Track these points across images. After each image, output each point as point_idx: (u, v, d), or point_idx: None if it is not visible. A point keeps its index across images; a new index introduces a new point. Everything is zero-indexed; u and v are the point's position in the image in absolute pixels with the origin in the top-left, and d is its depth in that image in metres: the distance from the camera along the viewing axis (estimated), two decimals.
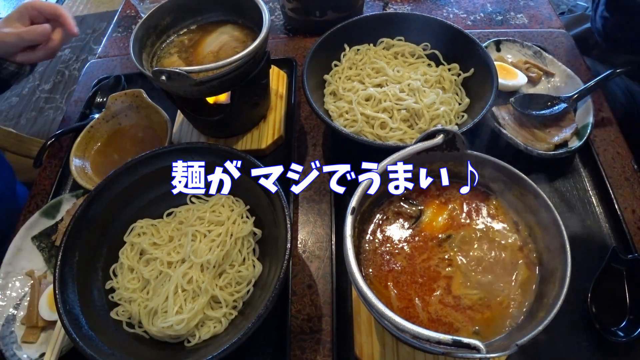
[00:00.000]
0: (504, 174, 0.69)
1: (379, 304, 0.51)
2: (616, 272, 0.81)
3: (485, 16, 1.38)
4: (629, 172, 0.98)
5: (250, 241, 0.82)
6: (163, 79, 0.80)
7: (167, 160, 0.84)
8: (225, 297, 0.75)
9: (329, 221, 0.94)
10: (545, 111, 1.02)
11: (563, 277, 0.57)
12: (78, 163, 1.01)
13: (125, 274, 0.79)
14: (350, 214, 0.60)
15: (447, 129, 0.67)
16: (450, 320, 0.62)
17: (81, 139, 1.04)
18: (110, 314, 0.76)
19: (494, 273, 0.66)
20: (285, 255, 0.69)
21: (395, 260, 0.68)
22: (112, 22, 1.53)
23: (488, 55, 0.94)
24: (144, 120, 1.09)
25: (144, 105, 1.07)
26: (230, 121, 1.01)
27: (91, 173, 1.01)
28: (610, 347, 0.76)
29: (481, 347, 0.47)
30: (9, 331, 0.82)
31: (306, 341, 0.81)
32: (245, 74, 0.91)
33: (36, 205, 1.05)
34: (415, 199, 0.75)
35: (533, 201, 0.66)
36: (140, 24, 0.95)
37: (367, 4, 1.42)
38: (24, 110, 2.50)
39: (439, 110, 0.93)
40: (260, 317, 0.64)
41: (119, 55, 1.38)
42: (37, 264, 0.92)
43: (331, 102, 1.00)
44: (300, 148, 1.08)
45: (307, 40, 1.33)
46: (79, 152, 1.03)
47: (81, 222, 0.77)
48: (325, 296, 0.85)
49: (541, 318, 0.55)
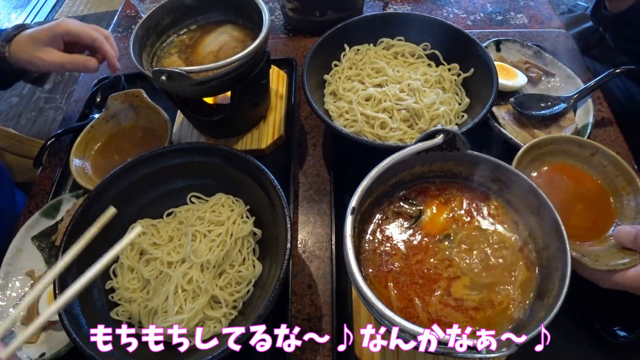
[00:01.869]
0: (504, 174, 0.69)
1: (379, 304, 0.51)
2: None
3: (485, 16, 1.38)
4: None
5: (250, 241, 0.82)
6: (163, 79, 0.80)
7: (167, 160, 0.84)
8: (225, 297, 0.75)
9: (329, 221, 0.94)
10: (545, 111, 1.02)
11: (563, 277, 0.57)
12: (78, 163, 1.01)
13: (125, 274, 0.79)
14: (350, 214, 0.60)
15: (447, 129, 0.67)
16: (451, 320, 0.62)
17: (81, 139, 1.04)
18: (110, 314, 0.76)
19: (494, 273, 0.66)
20: (285, 255, 0.69)
21: (395, 260, 0.68)
22: (112, 22, 1.53)
23: (488, 55, 0.94)
24: (143, 121, 1.09)
25: (144, 105, 1.07)
26: (230, 121, 1.01)
27: (91, 173, 1.01)
28: (610, 347, 0.76)
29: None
30: (9, 331, 0.82)
31: (306, 341, 0.81)
32: (245, 74, 0.91)
33: (36, 205, 1.05)
34: (415, 198, 0.75)
35: (533, 201, 0.66)
36: (140, 24, 0.95)
37: (367, 4, 1.42)
38: (24, 110, 2.50)
39: (439, 110, 0.93)
40: (260, 317, 0.64)
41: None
42: (37, 264, 0.92)
43: (331, 102, 1.00)
44: (300, 148, 1.08)
45: (307, 40, 1.33)
46: (79, 152, 1.03)
47: (81, 222, 0.77)
48: (325, 296, 0.85)
49: (541, 318, 0.55)
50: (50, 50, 0.96)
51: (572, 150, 0.86)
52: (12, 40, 0.97)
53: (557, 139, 0.86)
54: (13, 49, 0.97)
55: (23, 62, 0.97)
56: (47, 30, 0.96)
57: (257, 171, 0.79)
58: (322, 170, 1.03)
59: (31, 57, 0.95)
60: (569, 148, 0.86)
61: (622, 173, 0.82)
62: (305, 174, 1.03)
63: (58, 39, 0.97)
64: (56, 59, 0.96)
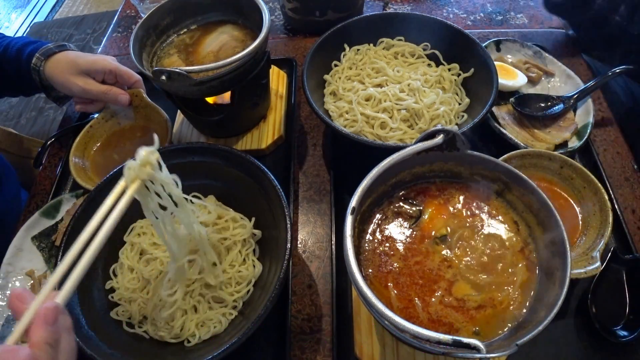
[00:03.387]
0: (504, 173, 0.69)
1: (379, 304, 0.51)
2: (616, 272, 0.81)
3: (485, 16, 1.38)
4: (629, 172, 0.98)
5: (251, 241, 0.82)
6: (163, 79, 0.80)
7: (167, 160, 0.83)
8: (225, 297, 0.75)
9: (329, 221, 0.94)
10: (545, 111, 1.02)
11: (563, 277, 0.57)
12: (77, 162, 1.01)
13: (125, 274, 0.79)
14: (350, 214, 0.60)
15: (447, 129, 0.67)
16: (451, 321, 0.62)
17: (80, 139, 1.04)
18: (110, 314, 0.76)
19: (494, 273, 0.66)
20: (285, 256, 0.69)
21: (395, 260, 0.68)
22: (112, 22, 1.53)
23: (488, 55, 0.94)
24: (143, 120, 1.09)
25: (143, 105, 1.07)
26: (230, 121, 1.01)
27: (91, 173, 1.01)
28: (610, 347, 0.76)
29: (481, 347, 0.47)
30: (9, 331, 0.82)
31: (306, 341, 0.81)
32: (245, 74, 0.91)
33: (36, 205, 1.05)
34: (415, 198, 0.75)
35: (533, 201, 0.66)
36: (140, 24, 0.95)
37: (367, 4, 1.42)
38: (24, 110, 2.50)
39: (439, 110, 0.93)
40: (260, 317, 0.64)
41: (119, 55, 1.38)
42: (37, 264, 0.92)
43: (331, 102, 1.00)
44: (300, 148, 1.08)
45: (307, 40, 1.33)
46: (79, 152, 1.03)
47: (81, 222, 0.77)
48: (325, 296, 0.85)
49: (541, 318, 0.55)
50: (88, 80, 0.98)
51: (542, 163, 0.90)
52: (52, 57, 0.98)
53: (529, 153, 0.90)
54: (50, 65, 0.98)
55: (56, 82, 0.99)
56: (92, 62, 0.98)
57: (257, 171, 0.79)
58: (322, 170, 1.03)
59: (67, 81, 0.97)
60: (539, 162, 0.90)
61: (588, 184, 0.85)
62: (305, 174, 1.03)
63: (99, 73, 0.99)
64: (93, 89, 0.98)
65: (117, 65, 1.00)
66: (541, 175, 0.90)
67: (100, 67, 0.98)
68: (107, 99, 1.00)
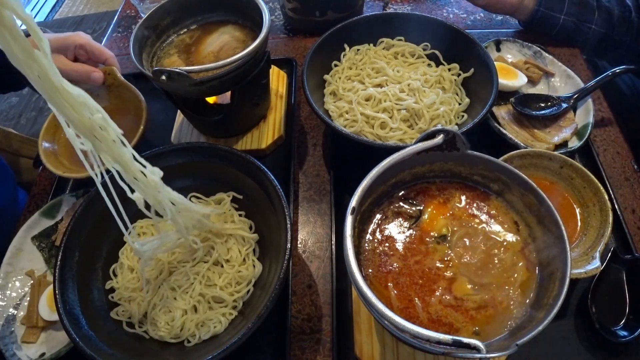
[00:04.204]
0: (504, 174, 0.69)
1: (379, 304, 0.51)
2: (616, 272, 0.81)
3: (485, 16, 1.38)
4: (629, 172, 0.98)
5: (250, 241, 0.82)
6: (163, 79, 0.80)
7: (167, 160, 0.84)
8: (225, 297, 0.75)
9: (329, 221, 0.94)
10: (545, 111, 1.02)
11: (563, 277, 0.57)
12: (47, 147, 0.97)
13: (125, 274, 0.79)
14: (350, 214, 0.60)
15: (447, 129, 0.67)
16: (451, 321, 0.62)
17: (49, 122, 1.00)
18: (110, 314, 0.76)
19: (494, 273, 0.66)
20: (285, 256, 0.69)
21: (395, 260, 0.68)
22: (112, 22, 1.53)
23: (488, 55, 0.94)
24: (117, 100, 1.04)
25: (117, 84, 1.03)
26: (230, 121, 1.01)
27: (61, 157, 0.98)
28: (610, 347, 0.76)
29: (481, 347, 0.47)
30: (9, 331, 0.82)
31: (306, 341, 0.81)
32: (245, 74, 0.91)
33: (36, 205, 1.05)
34: (415, 198, 0.75)
35: (533, 201, 0.66)
36: (140, 24, 0.95)
37: (367, 4, 1.42)
38: (24, 110, 2.50)
39: (439, 110, 0.93)
40: (260, 317, 0.64)
41: (119, 55, 1.37)
42: (37, 264, 0.92)
43: (331, 102, 1.00)
44: (300, 148, 1.08)
45: (307, 40, 1.33)
46: (48, 136, 0.99)
47: (81, 222, 0.77)
48: (325, 296, 0.85)
49: (541, 318, 0.55)
50: (59, 56, 0.95)
51: (542, 163, 0.90)
52: None
53: (529, 153, 0.90)
54: None
55: None
56: (62, 39, 0.96)
57: (257, 171, 0.79)
58: (322, 170, 1.03)
59: None
60: (539, 162, 0.90)
61: (588, 184, 0.85)
62: (305, 174, 1.03)
63: (70, 49, 0.97)
64: (62, 66, 0.95)
65: (89, 40, 0.97)
66: (541, 175, 0.90)
67: (71, 41, 0.95)
68: (79, 77, 0.96)
